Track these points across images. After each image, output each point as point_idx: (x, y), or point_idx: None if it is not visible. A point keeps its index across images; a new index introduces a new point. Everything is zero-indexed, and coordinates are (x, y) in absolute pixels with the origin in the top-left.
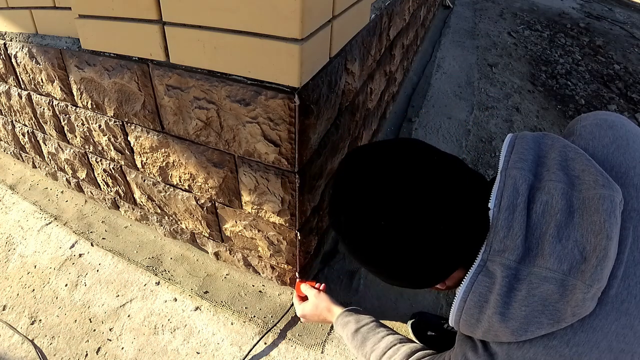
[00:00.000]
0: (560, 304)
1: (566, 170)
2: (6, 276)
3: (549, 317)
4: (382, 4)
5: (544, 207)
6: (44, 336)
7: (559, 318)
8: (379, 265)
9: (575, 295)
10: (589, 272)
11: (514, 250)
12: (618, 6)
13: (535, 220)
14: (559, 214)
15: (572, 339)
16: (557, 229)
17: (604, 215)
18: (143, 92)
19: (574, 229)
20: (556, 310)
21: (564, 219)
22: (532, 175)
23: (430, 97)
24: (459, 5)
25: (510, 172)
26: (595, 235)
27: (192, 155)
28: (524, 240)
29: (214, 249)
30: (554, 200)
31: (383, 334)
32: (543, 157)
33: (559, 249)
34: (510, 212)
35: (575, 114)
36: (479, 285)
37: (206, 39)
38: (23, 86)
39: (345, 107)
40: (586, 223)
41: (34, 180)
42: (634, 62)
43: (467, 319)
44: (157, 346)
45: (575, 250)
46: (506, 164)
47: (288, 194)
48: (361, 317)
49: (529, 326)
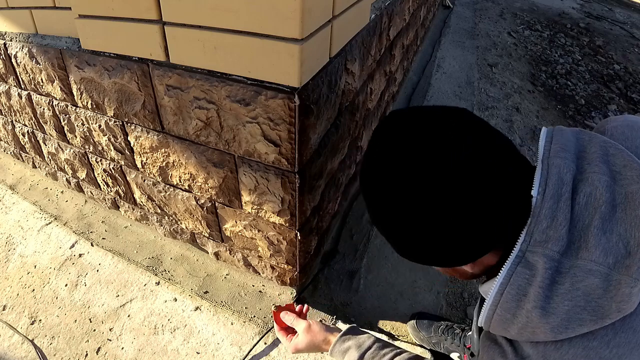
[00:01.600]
0: (603, 300)
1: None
2: (6, 276)
3: (591, 314)
4: (382, 4)
5: (587, 198)
6: (44, 336)
7: (602, 314)
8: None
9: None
10: (634, 267)
11: (557, 241)
12: (618, 6)
13: (578, 211)
14: (604, 206)
15: (612, 339)
16: (602, 222)
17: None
18: (143, 92)
19: (617, 223)
20: (599, 306)
21: (608, 212)
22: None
23: (430, 97)
24: (459, 5)
25: (554, 161)
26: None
27: (192, 155)
28: (568, 232)
29: (214, 249)
30: (598, 192)
31: (390, 355)
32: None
33: (604, 242)
34: (555, 201)
35: (575, 114)
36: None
37: (206, 39)
38: (23, 86)
39: (345, 107)
40: (630, 217)
41: (34, 180)
42: (634, 62)
43: (503, 313)
44: (157, 346)
45: (620, 244)
46: (547, 152)
47: (288, 194)
48: (361, 340)
49: (570, 323)
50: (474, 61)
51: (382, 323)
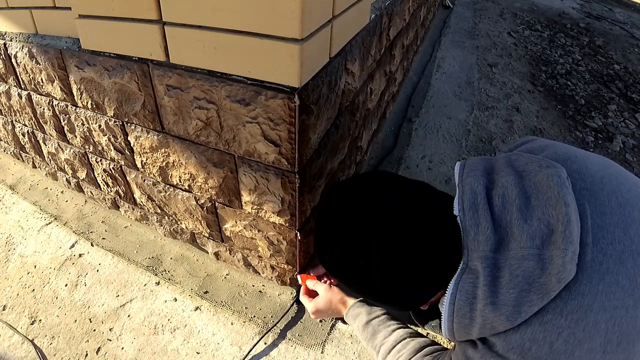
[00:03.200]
0: (544, 277)
1: (513, 167)
2: (6, 276)
3: (537, 293)
4: (382, 4)
5: (502, 199)
6: (44, 336)
7: (547, 289)
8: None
9: (555, 262)
10: (560, 239)
11: (487, 242)
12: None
13: (498, 212)
14: (517, 199)
15: (564, 308)
16: (520, 212)
17: (556, 188)
18: (143, 92)
19: (535, 209)
20: (542, 284)
21: (523, 203)
22: (485, 178)
23: (430, 97)
24: (459, 5)
25: (466, 180)
26: (554, 207)
27: (192, 155)
28: (494, 232)
29: (214, 249)
30: (509, 190)
31: (394, 327)
32: (491, 166)
33: (527, 228)
34: (474, 211)
35: (575, 114)
36: (464, 283)
37: (206, 39)
38: (23, 86)
39: (345, 107)
40: (543, 201)
41: (34, 180)
42: (634, 62)
43: (460, 320)
44: (157, 346)
45: (542, 226)
46: (460, 177)
47: (288, 194)
48: (373, 309)
49: (521, 307)
50: (474, 61)
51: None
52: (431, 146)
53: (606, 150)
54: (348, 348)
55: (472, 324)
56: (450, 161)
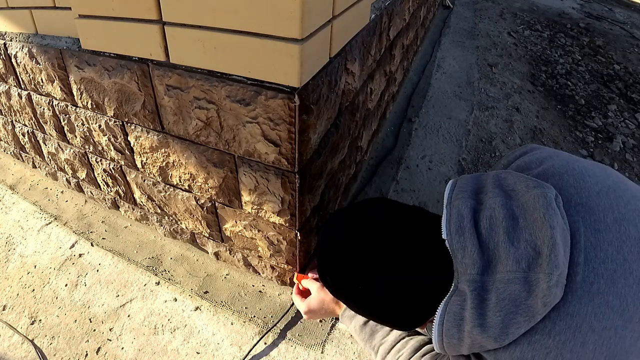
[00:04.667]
0: (530, 300)
1: (501, 187)
2: (6, 276)
3: (523, 315)
4: (382, 4)
5: (489, 221)
6: (44, 336)
7: (533, 312)
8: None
9: (540, 286)
10: (545, 263)
11: (473, 265)
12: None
13: (485, 235)
14: (504, 221)
15: (552, 329)
16: (507, 235)
17: (542, 210)
18: (143, 92)
19: (522, 231)
20: (528, 307)
21: (510, 225)
22: (473, 200)
23: (430, 97)
24: (459, 5)
25: (454, 203)
26: (540, 229)
27: (192, 155)
28: (481, 255)
29: (214, 249)
30: (496, 212)
31: None
32: (481, 186)
33: (514, 251)
34: (460, 234)
35: (575, 114)
36: (452, 305)
37: (206, 39)
38: (23, 86)
39: (345, 107)
40: (530, 223)
41: (34, 180)
42: (634, 62)
43: (449, 340)
44: (157, 346)
45: (528, 249)
46: (449, 199)
47: (288, 194)
48: None
49: (508, 329)
50: (474, 61)
51: None
52: (431, 146)
53: (606, 150)
54: (348, 348)
55: (460, 343)
56: (450, 161)
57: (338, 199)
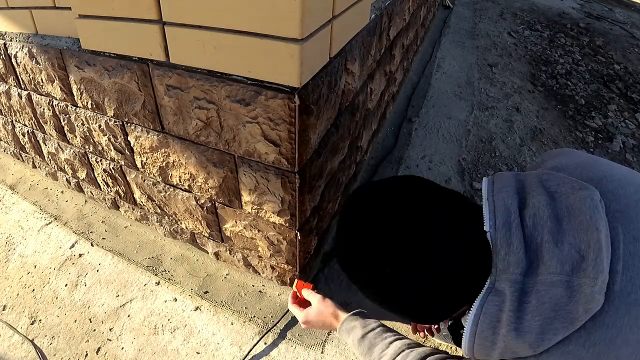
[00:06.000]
0: (571, 306)
1: (544, 188)
2: (6, 276)
3: (562, 321)
4: (382, 4)
5: (533, 219)
6: (44, 336)
7: (573, 319)
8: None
9: (583, 291)
10: (590, 267)
11: (518, 264)
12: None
13: (528, 234)
14: (549, 221)
15: (587, 340)
16: (551, 235)
17: (588, 212)
18: (143, 92)
19: (566, 233)
20: (568, 312)
21: (555, 226)
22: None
23: (430, 97)
24: (459, 5)
25: (498, 195)
26: (586, 232)
27: (192, 155)
28: (525, 254)
29: (214, 249)
30: (541, 211)
31: (391, 339)
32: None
33: (558, 253)
34: (507, 229)
35: (575, 114)
36: (489, 305)
37: (206, 39)
38: (23, 86)
39: (345, 107)
40: (575, 225)
41: (34, 180)
42: (634, 62)
43: (482, 342)
44: (157, 346)
45: (572, 252)
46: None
47: (288, 194)
48: (367, 322)
49: (545, 335)
50: (474, 61)
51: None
52: (431, 146)
53: (606, 150)
54: (348, 348)
55: (493, 347)
56: (450, 161)
57: (338, 199)
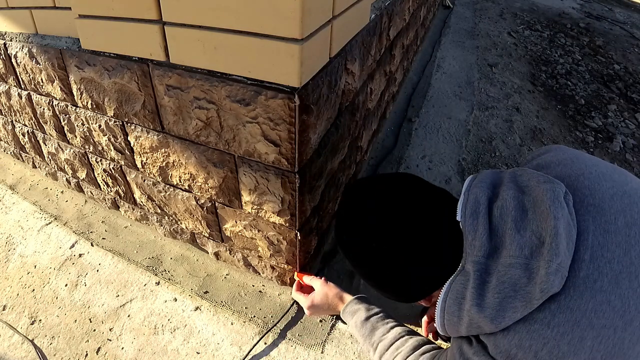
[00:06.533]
0: (530, 286)
1: (516, 182)
2: (6, 276)
3: (521, 300)
4: (382, 4)
5: (500, 210)
6: (44, 336)
7: (531, 298)
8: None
9: (540, 273)
10: (546, 251)
11: (480, 248)
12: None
13: (495, 223)
14: (514, 211)
15: (551, 320)
16: (514, 223)
17: (548, 202)
18: (143, 92)
19: (530, 222)
20: (527, 292)
21: (519, 215)
22: (490, 191)
23: (430, 97)
24: (459, 5)
25: (472, 190)
26: (545, 219)
27: (192, 155)
28: (489, 239)
29: (214, 249)
30: (507, 202)
31: (392, 324)
32: (498, 180)
33: (518, 239)
34: (474, 217)
35: (575, 114)
36: (456, 284)
37: (206, 39)
38: (23, 86)
39: (345, 107)
40: (538, 215)
41: (34, 180)
42: (634, 62)
43: (449, 317)
44: (157, 346)
45: (533, 238)
46: (468, 187)
47: (288, 194)
48: (371, 306)
49: (505, 312)
50: (474, 61)
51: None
52: (431, 146)
53: (606, 150)
54: (348, 348)
55: (459, 322)
56: (450, 161)
57: (338, 199)
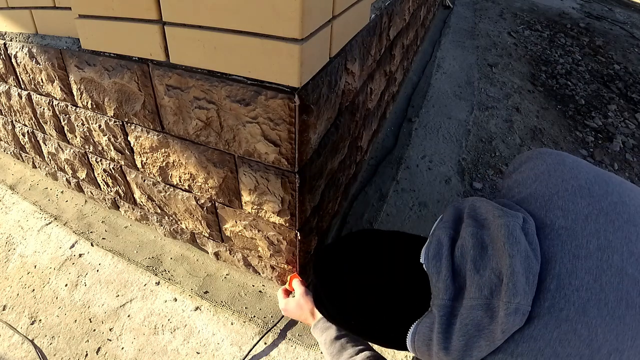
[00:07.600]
0: (492, 325)
1: (475, 217)
2: (6, 276)
3: (485, 340)
4: (382, 4)
5: (461, 250)
6: (44, 336)
7: (494, 338)
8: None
9: (500, 314)
10: (504, 291)
11: (445, 290)
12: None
13: (458, 263)
14: (472, 250)
15: (515, 350)
16: (473, 264)
17: (502, 239)
18: (143, 92)
19: (490, 259)
20: (490, 331)
21: (478, 254)
22: (452, 230)
23: (430, 97)
24: (459, 5)
25: (435, 232)
26: (501, 257)
27: (192, 155)
28: (453, 281)
29: (214, 249)
30: (466, 241)
31: (361, 347)
32: (459, 216)
33: (477, 279)
34: (438, 259)
35: (575, 114)
36: (422, 327)
37: (206, 39)
38: (23, 86)
39: (345, 107)
40: (497, 251)
41: (34, 180)
42: (634, 62)
43: (421, 355)
44: (157, 346)
45: (492, 276)
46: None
47: (288, 194)
48: None
49: (472, 352)
50: (474, 61)
51: None
52: (431, 146)
53: (606, 150)
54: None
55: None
56: (450, 161)
57: (338, 199)
